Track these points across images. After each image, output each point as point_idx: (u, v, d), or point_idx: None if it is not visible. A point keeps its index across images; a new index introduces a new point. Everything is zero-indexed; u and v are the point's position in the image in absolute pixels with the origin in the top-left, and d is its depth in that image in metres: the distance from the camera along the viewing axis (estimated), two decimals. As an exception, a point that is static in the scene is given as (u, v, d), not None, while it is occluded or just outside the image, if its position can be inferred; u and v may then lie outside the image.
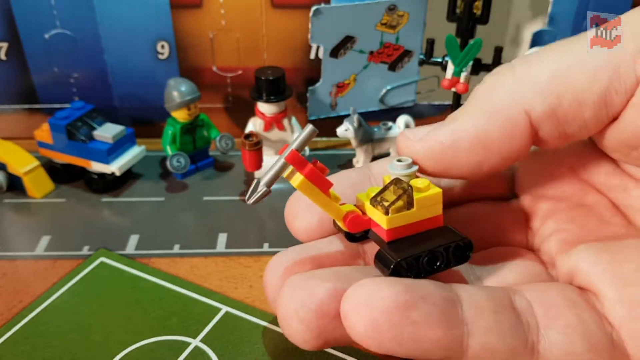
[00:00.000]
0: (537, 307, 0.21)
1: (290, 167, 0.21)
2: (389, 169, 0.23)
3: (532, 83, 0.21)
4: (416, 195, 0.22)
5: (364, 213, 0.23)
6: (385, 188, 0.22)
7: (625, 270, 0.22)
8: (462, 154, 0.22)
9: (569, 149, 0.25)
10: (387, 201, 0.22)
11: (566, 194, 0.26)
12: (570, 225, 0.25)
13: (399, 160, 0.23)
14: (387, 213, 0.22)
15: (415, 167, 0.23)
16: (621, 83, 0.20)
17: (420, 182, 0.22)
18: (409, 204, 0.22)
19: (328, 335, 0.21)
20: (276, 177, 0.21)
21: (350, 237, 0.24)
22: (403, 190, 0.22)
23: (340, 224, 0.23)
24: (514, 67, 0.22)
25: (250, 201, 0.21)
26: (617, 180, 0.25)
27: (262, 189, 0.21)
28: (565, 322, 0.21)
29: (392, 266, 0.21)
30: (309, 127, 0.21)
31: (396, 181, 0.22)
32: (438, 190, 0.22)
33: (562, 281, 0.23)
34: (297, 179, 0.21)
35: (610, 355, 0.21)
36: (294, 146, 0.21)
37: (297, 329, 0.21)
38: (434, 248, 0.22)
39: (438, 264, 0.22)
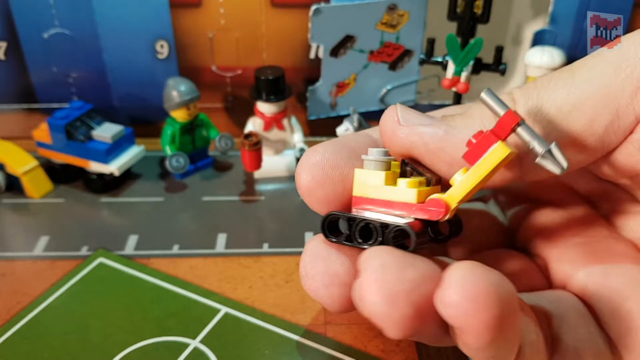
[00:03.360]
0: (552, 317, 0.21)
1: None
2: (363, 157, 0.21)
3: (531, 120, 0.21)
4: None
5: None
6: (405, 172, 0.21)
7: (618, 283, 0.21)
8: (440, 162, 0.21)
9: None
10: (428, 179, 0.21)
11: (547, 196, 0.26)
12: (554, 225, 0.25)
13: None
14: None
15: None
16: (620, 124, 0.20)
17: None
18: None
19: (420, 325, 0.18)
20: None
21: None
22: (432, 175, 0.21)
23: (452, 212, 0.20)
24: (515, 100, 0.21)
25: (566, 164, 0.19)
26: (600, 186, 0.25)
27: (556, 148, 0.19)
28: (577, 335, 0.21)
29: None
30: (488, 92, 0.20)
31: (410, 166, 0.21)
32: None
33: (556, 286, 0.23)
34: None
35: None
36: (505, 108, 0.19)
37: (403, 311, 0.18)
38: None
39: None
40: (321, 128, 0.46)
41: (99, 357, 0.28)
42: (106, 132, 0.40)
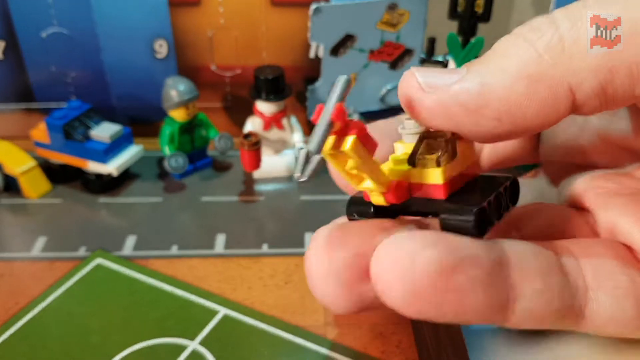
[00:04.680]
0: (586, 265, 0.19)
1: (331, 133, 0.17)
2: (399, 131, 0.20)
3: (581, 53, 0.18)
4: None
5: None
6: (417, 146, 0.19)
7: None
8: (485, 121, 0.18)
9: None
10: (432, 154, 0.19)
11: (596, 160, 0.24)
12: (604, 182, 0.23)
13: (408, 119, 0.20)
14: (439, 165, 0.19)
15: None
16: None
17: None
18: (454, 153, 0.19)
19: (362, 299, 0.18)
20: (324, 141, 0.16)
21: (381, 212, 0.20)
22: (445, 140, 0.19)
23: (377, 196, 0.19)
24: (557, 25, 0.18)
25: (306, 176, 0.16)
26: None
27: (315, 158, 0.16)
28: (616, 283, 0.19)
29: (474, 216, 0.18)
30: (343, 78, 0.17)
31: (426, 135, 0.19)
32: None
33: (604, 237, 0.22)
34: (348, 140, 0.17)
35: None
36: (335, 101, 0.17)
37: (334, 290, 0.18)
38: (495, 191, 0.19)
39: (502, 208, 0.19)
40: (321, 128, 0.46)
41: (98, 358, 0.27)
42: (104, 131, 0.39)
